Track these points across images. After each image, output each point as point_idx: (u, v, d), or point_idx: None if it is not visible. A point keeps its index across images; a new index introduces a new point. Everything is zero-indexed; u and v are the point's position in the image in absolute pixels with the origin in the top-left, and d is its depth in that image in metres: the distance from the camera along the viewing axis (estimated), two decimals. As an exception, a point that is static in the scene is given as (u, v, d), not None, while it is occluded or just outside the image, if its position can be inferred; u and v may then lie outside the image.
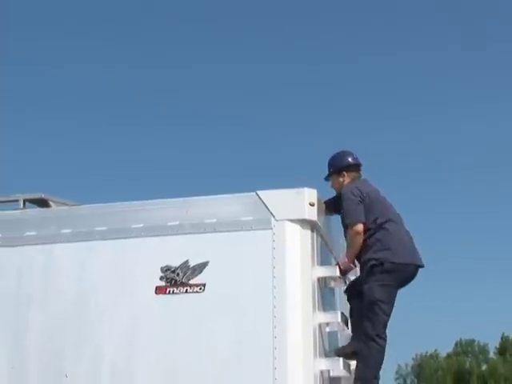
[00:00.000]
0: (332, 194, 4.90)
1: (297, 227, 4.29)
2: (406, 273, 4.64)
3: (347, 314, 4.64)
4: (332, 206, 4.79)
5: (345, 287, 4.82)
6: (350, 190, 4.72)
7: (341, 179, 4.86)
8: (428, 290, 60.64)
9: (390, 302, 4.56)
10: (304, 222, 4.31)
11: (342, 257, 4.74)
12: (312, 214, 4.32)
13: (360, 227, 4.58)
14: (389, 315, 4.55)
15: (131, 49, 62.68)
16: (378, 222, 4.63)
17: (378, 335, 4.43)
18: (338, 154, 4.97)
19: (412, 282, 4.74)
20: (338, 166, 4.90)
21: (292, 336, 4.10)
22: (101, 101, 61.14)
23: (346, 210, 4.67)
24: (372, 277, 4.51)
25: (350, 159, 4.93)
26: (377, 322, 4.46)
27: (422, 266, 4.74)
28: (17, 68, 56.37)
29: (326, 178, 4.97)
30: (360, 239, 4.59)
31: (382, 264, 4.52)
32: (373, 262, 4.53)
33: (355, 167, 4.93)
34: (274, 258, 4.21)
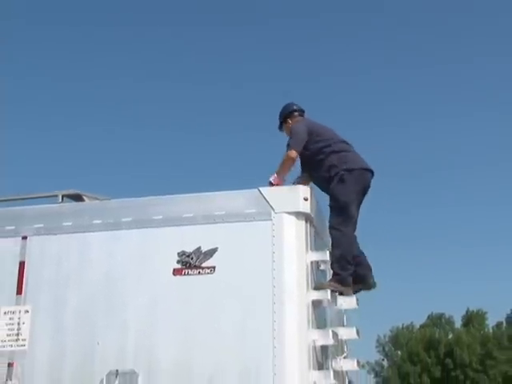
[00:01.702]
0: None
1: (293, 218, 4.30)
2: (365, 178, 4.74)
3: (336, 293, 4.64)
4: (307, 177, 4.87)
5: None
6: (295, 125, 4.89)
7: (289, 124, 5.00)
8: (407, 271, 60.79)
9: (356, 204, 4.64)
10: (299, 214, 4.32)
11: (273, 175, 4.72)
12: (306, 207, 4.34)
13: (294, 154, 4.70)
14: (356, 216, 4.62)
15: (135, 57, 61.94)
16: (332, 142, 4.75)
17: (344, 228, 4.49)
18: (284, 106, 5.13)
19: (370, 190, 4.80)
20: (285, 113, 5.06)
21: (288, 311, 4.12)
22: (105, 102, 60.61)
23: (290, 138, 4.78)
24: (342, 183, 4.58)
25: (294, 106, 5.10)
26: (347, 219, 4.52)
27: (373, 172, 4.81)
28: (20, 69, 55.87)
29: (279, 128, 5.09)
30: (291, 164, 4.72)
31: (348, 171, 4.60)
32: (342, 172, 4.60)
33: (299, 112, 5.07)
34: (273, 244, 4.23)
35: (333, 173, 4.64)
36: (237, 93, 66.82)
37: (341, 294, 4.53)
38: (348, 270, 4.52)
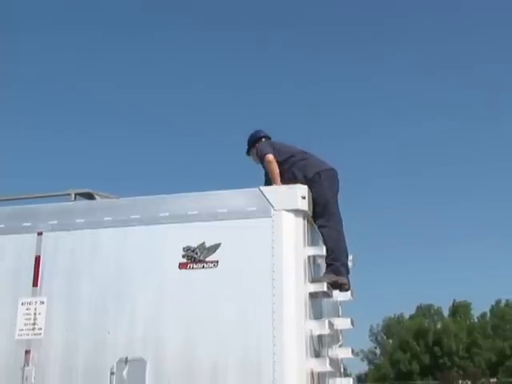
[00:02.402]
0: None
1: (291, 215, 4.29)
2: (334, 176, 4.79)
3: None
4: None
5: None
6: (259, 146, 4.94)
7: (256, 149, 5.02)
8: (398, 265, 60.73)
9: (334, 201, 4.67)
10: (297, 212, 4.31)
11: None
12: (303, 205, 4.33)
13: (270, 157, 4.75)
14: (337, 211, 4.65)
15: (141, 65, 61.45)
16: (295, 153, 4.80)
17: (330, 223, 4.54)
18: (252, 133, 5.17)
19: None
20: (253, 140, 5.10)
21: (287, 302, 4.11)
22: (116, 106, 59.97)
23: (259, 154, 4.84)
24: (316, 183, 4.60)
25: (261, 134, 5.16)
26: (330, 215, 4.55)
27: (337, 171, 4.86)
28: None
29: (247, 153, 5.14)
30: (274, 166, 4.73)
31: (318, 174, 4.64)
32: (313, 173, 4.65)
33: (266, 138, 5.12)
34: (273, 240, 4.22)
35: (301, 178, 4.64)
36: (238, 96, 66.29)
37: (336, 283, 4.53)
38: (340, 261, 4.54)
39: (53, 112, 58.54)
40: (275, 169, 4.72)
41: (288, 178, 4.70)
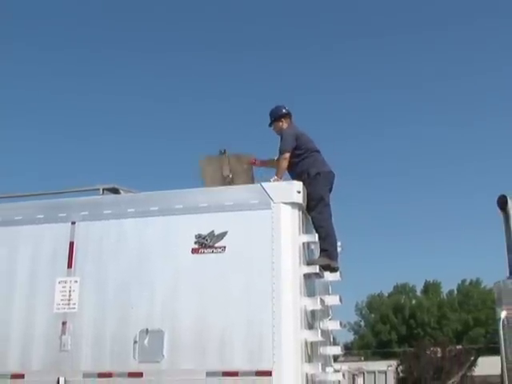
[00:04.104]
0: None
1: (288, 207, 4.29)
2: (330, 178, 4.76)
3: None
4: (266, 161, 5.00)
5: None
6: (287, 131, 4.84)
7: (280, 124, 4.94)
8: (379, 251, 60.64)
9: (327, 198, 4.66)
10: (293, 204, 4.31)
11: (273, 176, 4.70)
12: (299, 198, 4.33)
13: (287, 155, 4.68)
14: (329, 205, 4.64)
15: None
16: (310, 149, 4.76)
17: (323, 213, 4.53)
18: (275, 107, 5.04)
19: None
20: (277, 114, 4.97)
21: (284, 282, 4.11)
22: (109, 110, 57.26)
23: (282, 142, 4.76)
24: (315, 181, 4.59)
25: (284, 110, 5.00)
26: (323, 207, 4.54)
27: (334, 173, 4.85)
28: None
29: (270, 125, 5.02)
30: (285, 163, 4.69)
31: (318, 173, 4.62)
32: (314, 172, 4.62)
33: (289, 115, 5.00)
34: (272, 228, 4.22)
35: (305, 174, 4.63)
36: (239, 96, 63.65)
37: (328, 266, 4.49)
38: (333, 246, 4.51)
39: (53, 113, 55.88)
40: (284, 166, 4.65)
41: (296, 170, 4.69)
